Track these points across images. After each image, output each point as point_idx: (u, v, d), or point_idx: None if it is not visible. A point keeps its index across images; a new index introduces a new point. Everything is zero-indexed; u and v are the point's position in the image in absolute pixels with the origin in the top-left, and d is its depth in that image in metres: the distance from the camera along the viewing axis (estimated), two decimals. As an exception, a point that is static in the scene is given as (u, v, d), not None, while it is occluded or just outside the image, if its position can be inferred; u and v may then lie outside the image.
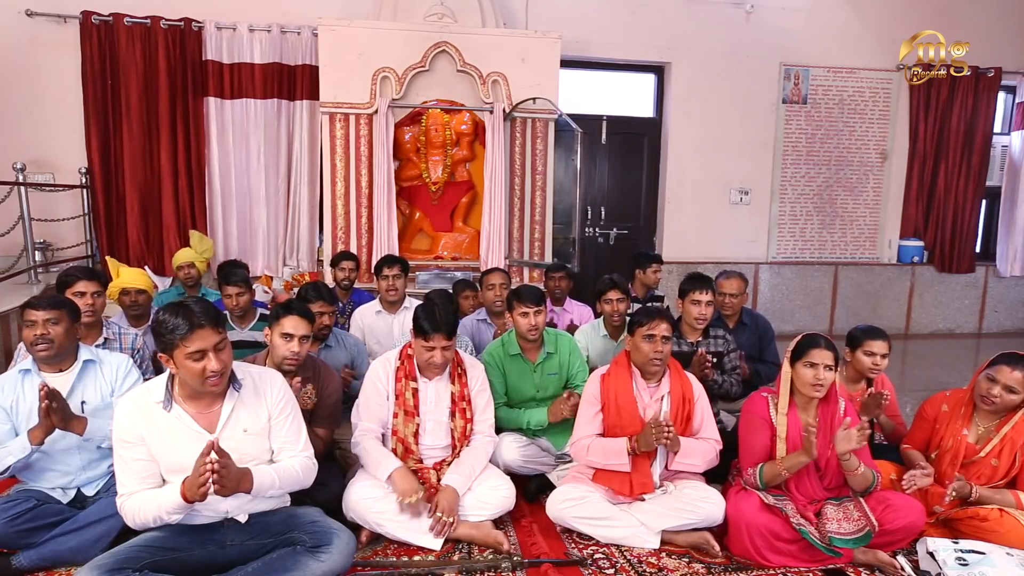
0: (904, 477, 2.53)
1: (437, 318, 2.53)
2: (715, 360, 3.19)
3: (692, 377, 2.77)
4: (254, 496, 2.07)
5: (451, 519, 2.46)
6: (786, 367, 2.52)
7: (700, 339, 3.25)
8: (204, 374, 1.95)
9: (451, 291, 4.20)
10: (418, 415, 2.65)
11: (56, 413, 2.22)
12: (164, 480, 2.05)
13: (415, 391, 2.66)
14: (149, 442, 2.02)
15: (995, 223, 7.31)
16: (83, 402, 2.42)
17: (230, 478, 1.91)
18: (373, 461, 2.56)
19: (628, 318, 3.03)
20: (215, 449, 1.87)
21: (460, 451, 2.70)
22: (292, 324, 2.58)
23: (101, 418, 2.35)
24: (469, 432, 2.73)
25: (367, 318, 3.92)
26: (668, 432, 2.46)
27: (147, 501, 1.98)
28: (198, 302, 2.02)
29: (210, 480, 1.85)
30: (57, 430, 2.27)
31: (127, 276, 3.43)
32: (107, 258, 3.77)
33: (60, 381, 2.40)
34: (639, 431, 2.56)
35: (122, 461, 2.03)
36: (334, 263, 4.44)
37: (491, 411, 2.82)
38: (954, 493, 2.47)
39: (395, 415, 2.65)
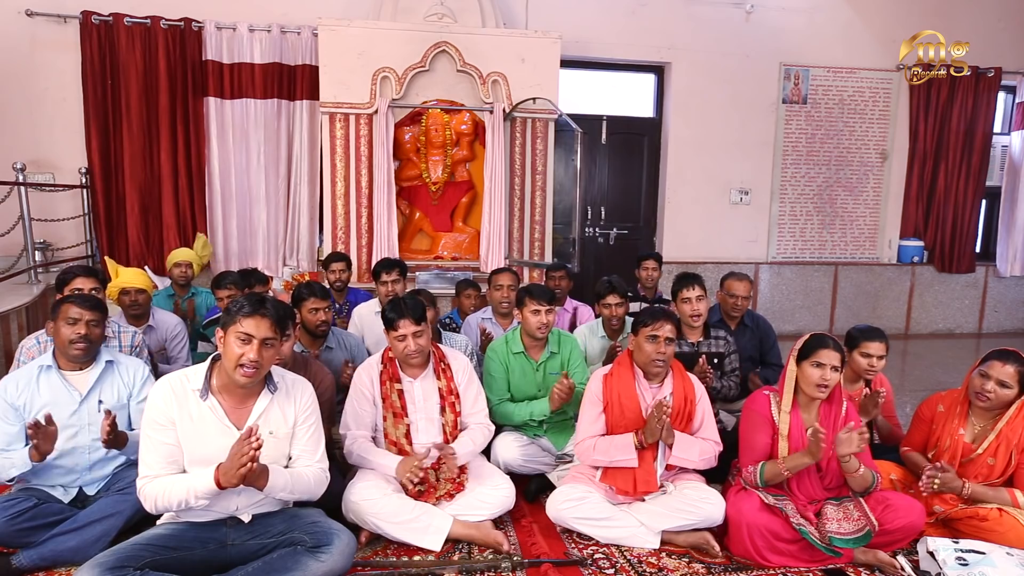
0: (927, 474, 2.48)
1: (401, 306, 2.59)
2: (716, 361, 3.18)
3: (694, 378, 2.77)
4: (265, 495, 2.08)
5: (454, 454, 2.56)
6: (792, 365, 2.52)
7: (701, 339, 3.24)
8: (240, 359, 1.99)
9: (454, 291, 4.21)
10: (407, 416, 2.66)
11: (115, 438, 2.28)
12: (185, 471, 2.06)
13: (400, 392, 2.67)
14: (179, 428, 2.04)
15: (995, 223, 7.32)
16: (100, 401, 2.44)
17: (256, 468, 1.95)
18: (375, 463, 2.60)
19: (631, 318, 3.03)
20: (254, 435, 1.90)
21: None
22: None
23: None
24: (460, 425, 2.74)
25: (366, 318, 3.89)
26: (667, 411, 2.47)
27: (175, 483, 1.99)
28: (278, 304, 2.14)
29: (248, 465, 1.88)
30: (64, 435, 2.30)
31: (126, 276, 3.44)
32: (105, 259, 3.76)
33: (81, 379, 2.44)
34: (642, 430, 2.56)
35: (150, 442, 2.03)
36: (325, 265, 4.39)
37: (483, 401, 2.84)
38: (937, 483, 2.45)
39: (384, 418, 2.66)
